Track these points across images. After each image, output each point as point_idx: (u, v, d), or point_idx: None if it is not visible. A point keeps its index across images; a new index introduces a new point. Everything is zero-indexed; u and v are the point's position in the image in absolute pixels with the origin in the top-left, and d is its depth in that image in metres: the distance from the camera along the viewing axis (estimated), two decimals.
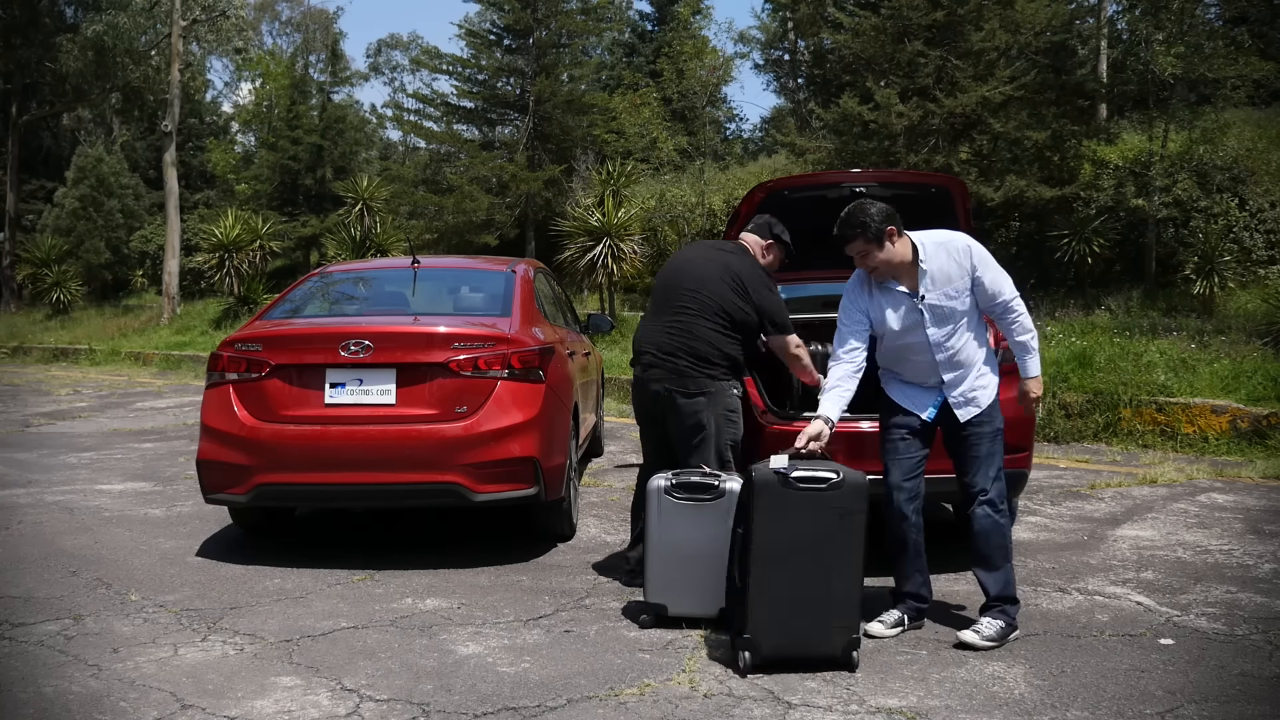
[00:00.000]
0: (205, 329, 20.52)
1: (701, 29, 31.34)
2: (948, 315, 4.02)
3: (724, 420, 4.52)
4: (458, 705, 3.44)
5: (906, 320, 4.04)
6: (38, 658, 3.88)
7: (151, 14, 27.86)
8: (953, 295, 4.01)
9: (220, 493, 5.19)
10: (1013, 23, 13.86)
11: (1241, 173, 13.78)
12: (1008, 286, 4.06)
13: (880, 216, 3.93)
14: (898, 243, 3.96)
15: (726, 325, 4.56)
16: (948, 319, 4.02)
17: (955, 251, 4.01)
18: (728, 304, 4.55)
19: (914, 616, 4.18)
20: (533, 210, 20.71)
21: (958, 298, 4.01)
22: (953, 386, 4.09)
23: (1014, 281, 4.21)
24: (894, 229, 3.95)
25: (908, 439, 4.12)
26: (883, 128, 13.93)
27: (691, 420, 4.51)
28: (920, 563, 4.19)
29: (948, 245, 4.02)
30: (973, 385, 4.09)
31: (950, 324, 4.03)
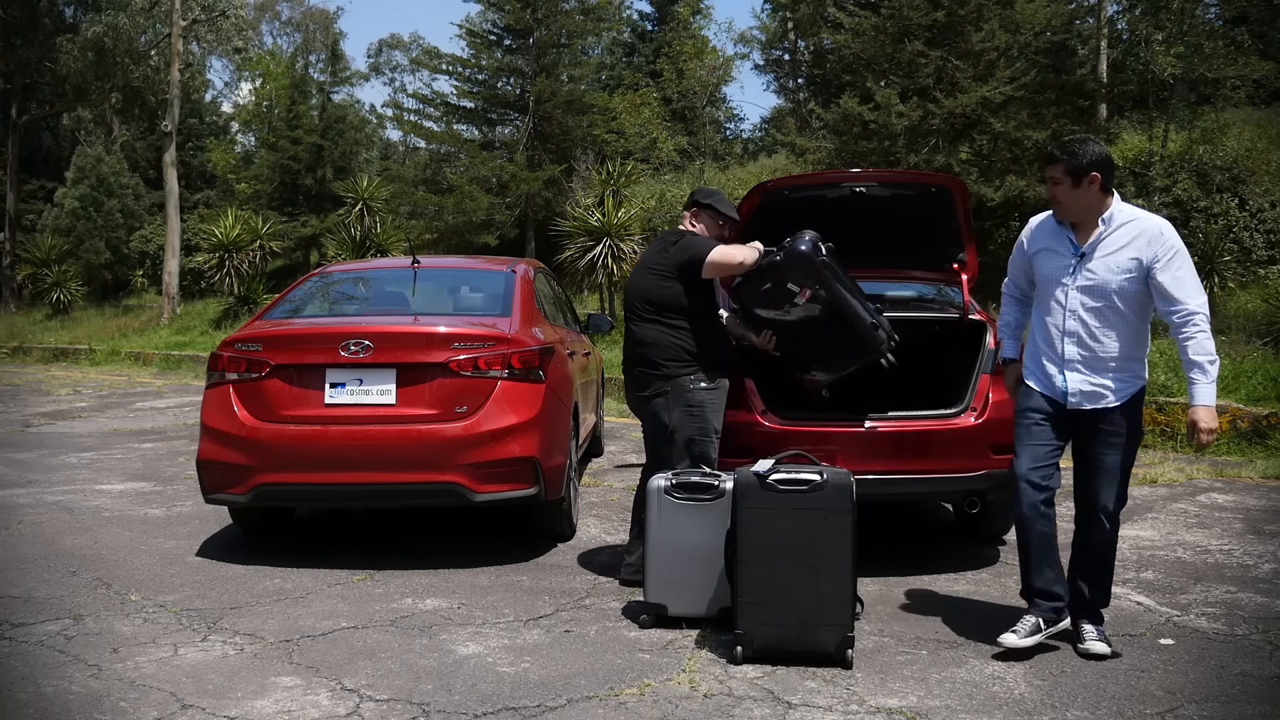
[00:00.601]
0: (205, 329, 20.53)
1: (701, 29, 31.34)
2: (1101, 290, 3.72)
3: (684, 416, 4.52)
4: (458, 705, 3.44)
5: (1058, 271, 3.80)
6: (38, 658, 3.88)
7: (151, 14, 27.86)
8: (1115, 270, 3.70)
9: (220, 493, 5.19)
10: (1013, 23, 13.87)
11: (1241, 173, 13.79)
12: (1192, 296, 3.65)
13: (1090, 158, 3.68)
14: (1093, 192, 3.70)
15: (658, 313, 4.57)
16: (1100, 294, 3.72)
17: (1147, 232, 3.69)
18: (651, 292, 4.60)
19: (1051, 618, 3.90)
20: (533, 210, 20.71)
21: (1120, 276, 3.69)
22: (1071, 366, 3.79)
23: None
24: (1098, 176, 3.67)
25: (1040, 425, 3.88)
26: (883, 128, 13.94)
27: (654, 422, 4.61)
28: (1051, 557, 3.90)
29: (1144, 223, 3.71)
30: (1098, 380, 3.77)
31: (1101, 301, 3.72)
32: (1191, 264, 3.72)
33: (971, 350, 5.08)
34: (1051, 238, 3.87)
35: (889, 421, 4.86)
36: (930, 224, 5.31)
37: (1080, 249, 3.76)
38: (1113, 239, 3.72)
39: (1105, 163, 3.71)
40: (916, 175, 7.05)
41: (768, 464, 3.92)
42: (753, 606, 3.78)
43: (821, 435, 4.77)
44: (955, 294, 5.44)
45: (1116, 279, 3.70)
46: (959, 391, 5.04)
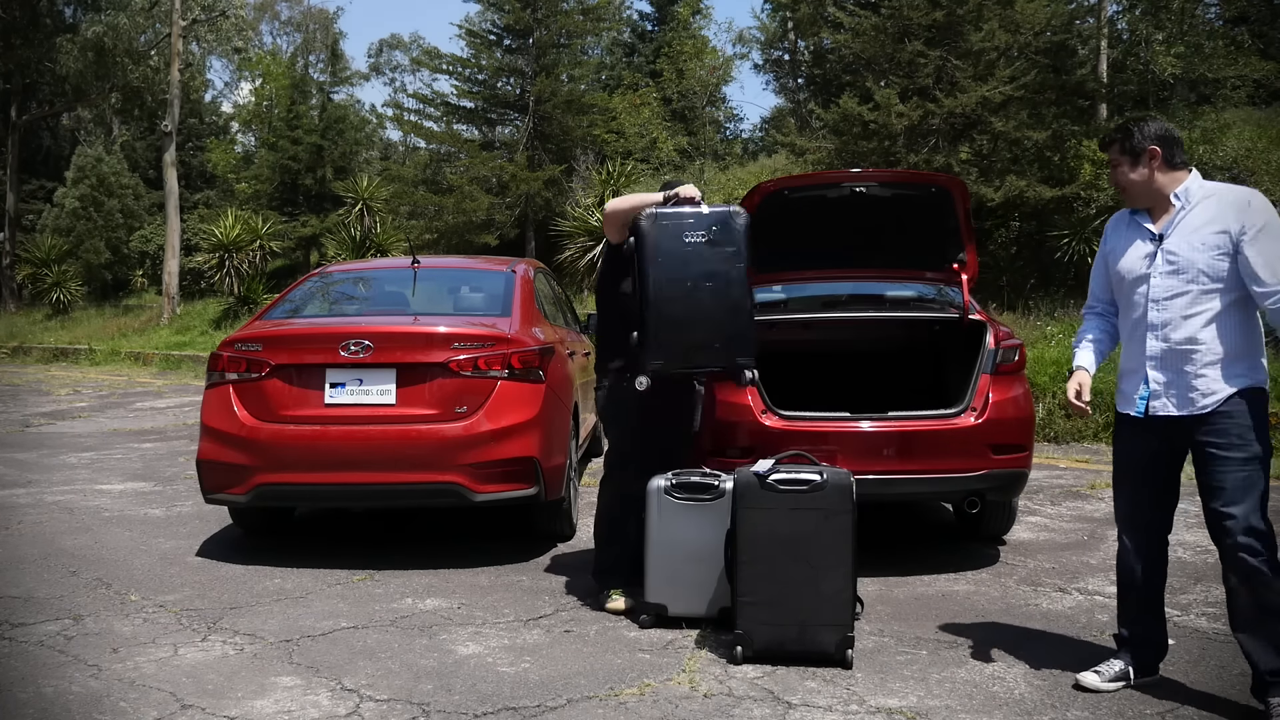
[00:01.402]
0: (205, 329, 20.52)
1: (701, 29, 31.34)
2: (1186, 272, 3.28)
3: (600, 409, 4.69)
4: (458, 705, 3.44)
5: (1138, 265, 3.39)
6: (38, 658, 3.88)
7: (151, 14, 27.87)
8: (1201, 248, 3.26)
9: (220, 493, 5.20)
10: (1013, 23, 13.86)
11: (1241, 173, 13.76)
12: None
13: (1149, 133, 3.37)
14: (1158, 169, 3.37)
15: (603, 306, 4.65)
16: (1186, 277, 3.29)
17: (1231, 204, 3.28)
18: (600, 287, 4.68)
19: (1142, 669, 3.55)
20: (533, 210, 20.70)
21: (1207, 254, 3.25)
22: (1158, 367, 3.33)
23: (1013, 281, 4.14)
24: (1158, 151, 3.35)
25: (1132, 459, 3.47)
26: (883, 128, 13.93)
27: None
28: (1150, 602, 3.53)
29: (1228, 193, 3.34)
30: (1189, 380, 3.28)
31: (1188, 286, 3.28)
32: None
33: (971, 350, 5.08)
34: (1127, 230, 3.50)
35: (889, 421, 4.86)
36: (930, 224, 5.31)
37: (1157, 232, 3.37)
38: (1194, 215, 3.32)
39: (1166, 136, 3.38)
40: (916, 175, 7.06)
41: (768, 464, 3.92)
42: (753, 606, 3.78)
43: (821, 435, 4.77)
44: (955, 294, 5.44)
45: (1203, 257, 3.25)
46: (959, 391, 5.04)
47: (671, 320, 4.13)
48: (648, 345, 4.14)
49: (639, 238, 4.12)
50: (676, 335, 4.14)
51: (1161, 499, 3.48)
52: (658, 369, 4.17)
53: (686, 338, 4.16)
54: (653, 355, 4.14)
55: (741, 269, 4.11)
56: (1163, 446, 3.39)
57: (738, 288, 4.12)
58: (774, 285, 5.70)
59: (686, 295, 4.11)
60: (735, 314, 4.14)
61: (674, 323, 4.13)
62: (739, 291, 4.13)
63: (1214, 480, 3.26)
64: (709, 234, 4.10)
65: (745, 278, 4.14)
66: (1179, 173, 3.40)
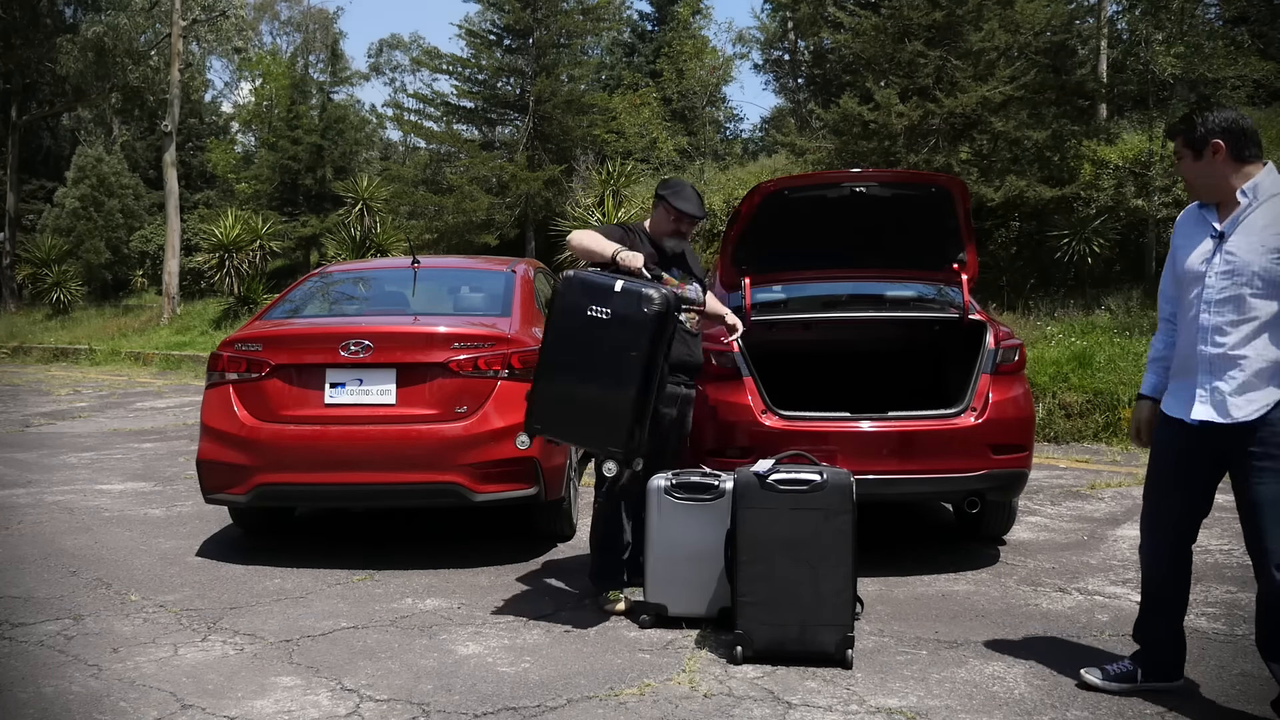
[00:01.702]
0: (205, 329, 20.51)
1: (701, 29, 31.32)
2: (1241, 274, 3.13)
3: None
4: (458, 705, 3.44)
5: (1198, 263, 3.23)
6: (38, 658, 3.88)
7: (151, 14, 27.86)
8: (1259, 251, 3.10)
9: (220, 493, 5.20)
10: (1012, 23, 13.85)
11: None
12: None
13: (1213, 124, 3.19)
14: (1221, 162, 3.19)
15: None
16: (1240, 279, 3.13)
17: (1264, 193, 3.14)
18: None
19: (1154, 673, 3.50)
20: (533, 210, 20.69)
21: (1265, 257, 3.09)
22: (1208, 372, 3.18)
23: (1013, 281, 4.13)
24: (1221, 144, 3.17)
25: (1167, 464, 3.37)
26: (883, 128, 13.92)
27: None
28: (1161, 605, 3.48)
29: (1264, 184, 3.15)
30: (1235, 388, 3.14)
31: (1242, 289, 3.12)
32: None
33: (971, 350, 5.08)
34: (1193, 225, 3.31)
35: (889, 421, 4.86)
36: (930, 224, 5.31)
37: (1220, 229, 3.20)
38: (1258, 215, 3.13)
39: (1233, 128, 3.17)
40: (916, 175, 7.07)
41: (768, 464, 3.92)
42: (753, 606, 3.79)
43: (821, 435, 4.77)
44: (955, 294, 5.44)
45: (1260, 260, 3.09)
46: (959, 391, 5.04)
47: (552, 391, 4.02)
48: (530, 405, 4.07)
49: (553, 291, 4.03)
50: (554, 405, 4.02)
51: (1190, 506, 3.37)
52: (535, 433, 4.08)
53: (562, 410, 4.01)
54: (532, 418, 4.06)
55: (635, 358, 3.85)
56: (1201, 453, 3.27)
57: (626, 375, 3.87)
58: (774, 285, 5.70)
59: (571, 368, 3.98)
60: (614, 402, 3.89)
61: (554, 393, 4.02)
62: (626, 379, 3.87)
63: (1250, 494, 3.15)
64: (613, 313, 3.90)
65: (641, 367, 3.87)
66: (1249, 166, 3.19)
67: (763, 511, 3.82)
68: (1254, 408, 3.11)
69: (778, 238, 5.34)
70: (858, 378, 5.88)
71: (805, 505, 3.79)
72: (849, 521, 3.78)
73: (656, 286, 3.98)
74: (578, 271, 4.07)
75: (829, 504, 3.78)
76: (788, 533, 3.78)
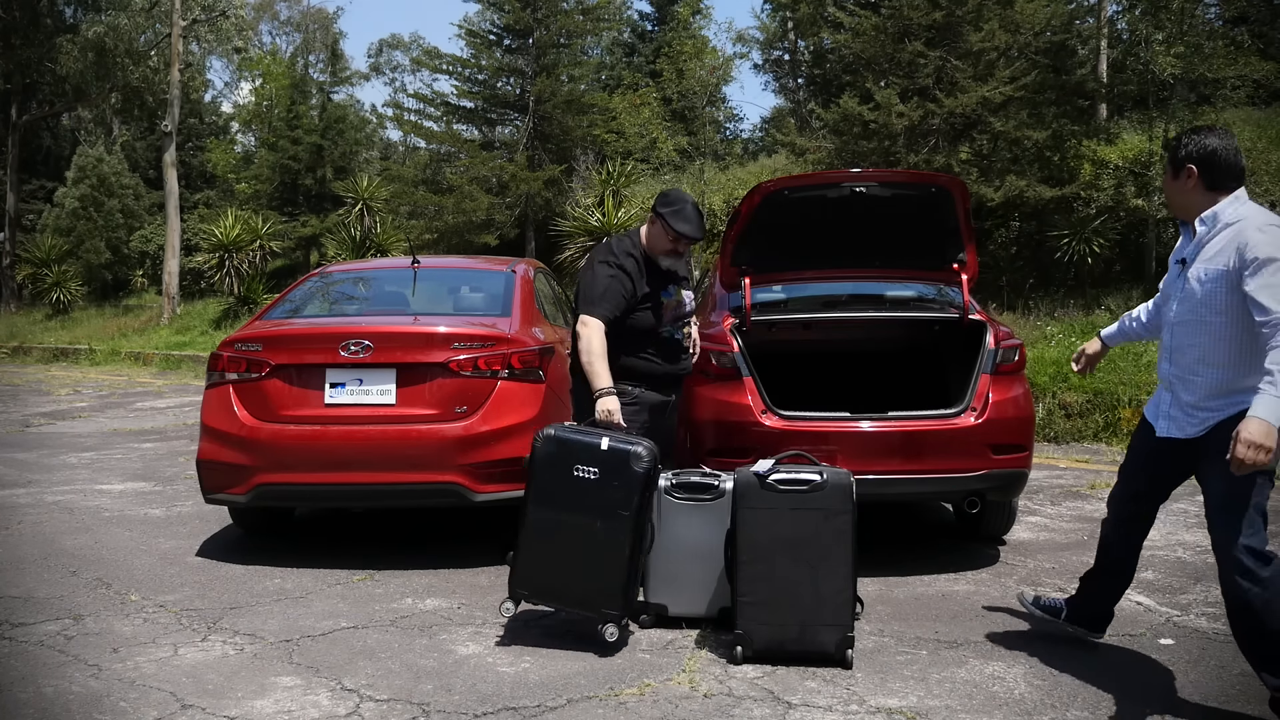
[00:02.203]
0: (205, 329, 20.52)
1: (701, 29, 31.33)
2: (1190, 300, 3.30)
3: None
4: (458, 705, 3.44)
5: (1168, 285, 3.50)
6: (38, 658, 3.88)
7: (151, 14, 27.86)
8: (1205, 279, 3.25)
9: (220, 493, 5.20)
10: (1012, 23, 13.85)
11: None
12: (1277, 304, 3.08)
13: (1190, 150, 3.33)
14: (1190, 188, 3.33)
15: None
16: (1190, 305, 3.31)
17: (1240, 234, 3.19)
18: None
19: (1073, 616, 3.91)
20: (533, 210, 20.69)
21: (1207, 284, 3.24)
22: (1169, 389, 3.43)
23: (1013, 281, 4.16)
24: (1194, 170, 3.31)
25: (1134, 457, 3.68)
26: (883, 128, 13.92)
27: None
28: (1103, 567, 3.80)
29: (1242, 224, 3.21)
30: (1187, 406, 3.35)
31: (1191, 314, 3.31)
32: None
33: (971, 350, 5.08)
34: (1179, 246, 3.48)
35: (889, 421, 4.86)
36: (930, 224, 5.31)
37: (1183, 254, 3.39)
38: (1212, 243, 3.27)
39: (1209, 158, 3.29)
40: (917, 175, 7.07)
41: (768, 464, 3.92)
42: (753, 606, 3.79)
43: (821, 435, 4.77)
44: (955, 294, 5.44)
45: (1203, 288, 3.25)
46: (959, 391, 5.04)
47: (538, 553, 3.94)
48: (515, 569, 3.98)
49: (532, 453, 3.98)
50: (542, 569, 3.94)
51: (1147, 497, 3.67)
52: (522, 598, 3.98)
53: (551, 573, 3.93)
54: (518, 583, 3.97)
55: (626, 516, 3.84)
56: (1166, 457, 3.51)
57: (618, 534, 3.84)
58: (774, 285, 5.70)
59: (557, 529, 3.92)
60: (608, 563, 3.86)
61: (541, 556, 3.94)
62: (618, 539, 3.84)
63: (1207, 498, 3.35)
64: (600, 472, 3.87)
65: (632, 525, 3.86)
66: (1217, 194, 3.31)
67: (763, 511, 3.82)
68: (1205, 426, 3.32)
69: (778, 238, 5.34)
70: (858, 378, 5.88)
71: (805, 505, 3.79)
72: (849, 521, 3.78)
73: (639, 441, 3.95)
74: (558, 430, 4.00)
75: (829, 504, 3.78)
76: (788, 533, 3.78)
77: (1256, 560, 3.16)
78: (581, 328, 4.28)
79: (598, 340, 4.23)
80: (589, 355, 4.22)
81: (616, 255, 4.40)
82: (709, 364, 4.96)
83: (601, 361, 4.21)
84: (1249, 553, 3.16)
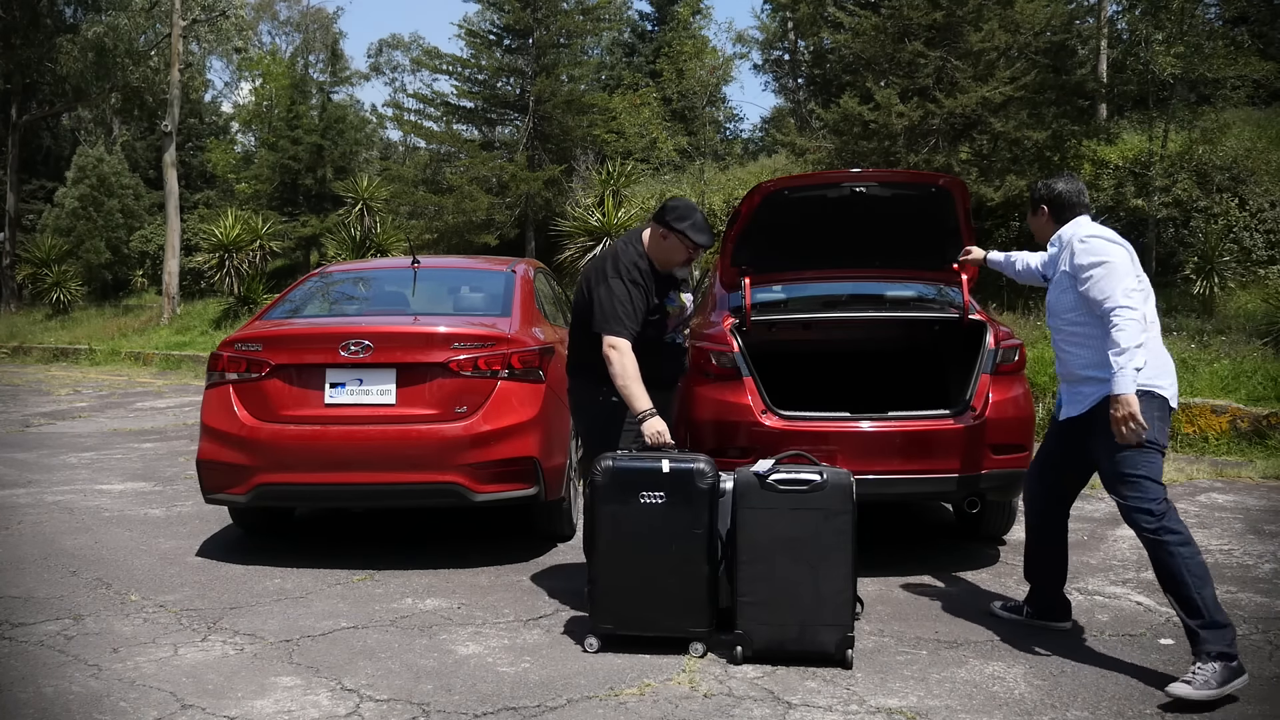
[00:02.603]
0: (205, 329, 20.51)
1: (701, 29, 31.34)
2: (1052, 307, 4.01)
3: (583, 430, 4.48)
4: (458, 705, 3.44)
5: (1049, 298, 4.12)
6: (38, 658, 3.88)
7: (151, 14, 27.86)
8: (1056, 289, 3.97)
9: (220, 493, 5.20)
10: (1012, 23, 13.85)
11: (1241, 173, 13.77)
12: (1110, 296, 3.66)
13: (1042, 193, 4.08)
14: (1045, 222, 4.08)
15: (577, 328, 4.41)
16: (1052, 311, 4.01)
17: (1068, 247, 3.90)
18: (578, 306, 4.41)
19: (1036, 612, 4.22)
20: (533, 210, 20.68)
21: (1056, 292, 3.97)
22: (1060, 379, 4.06)
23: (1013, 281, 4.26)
24: (1045, 209, 4.06)
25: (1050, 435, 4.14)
26: (883, 128, 13.92)
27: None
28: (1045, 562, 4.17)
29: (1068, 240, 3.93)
30: (1072, 391, 3.95)
31: (1054, 319, 4.01)
32: (1111, 267, 3.71)
33: (971, 350, 5.08)
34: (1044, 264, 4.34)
35: (889, 421, 4.86)
36: (930, 224, 5.31)
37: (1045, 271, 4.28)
38: (1059, 259, 3.97)
39: (1056, 199, 4.03)
40: (917, 175, 7.06)
41: (768, 464, 3.92)
42: (753, 606, 3.79)
43: (821, 435, 4.77)
44: (955, 294, 5.44)
45: (1055, 295, 3.98)
46: (959, 391, 5.04)
47: (618, 584, 3.91)
48: (595, 603, 3.96)
49: (593, 487, 3.94)
50: (624, 599, 3.91)
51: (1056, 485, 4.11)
52: (607, 632, 3.94)
53: (634, 602, 3.90)
54: (601, 617, 3.94)
55: (701, 534, 3.85)
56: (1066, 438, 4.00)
57: (695, 552, 3.85)
58: (774, 285, 5.70)
59: (634, 559, 3.88)
60: (690, 582, 3.86)
61: (621, 586, 3.91)
62: (695, 557, 3.85)
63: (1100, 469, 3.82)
64: (666, 495, 3.86)
65: (705, 542, 3.86)
66: (1059, 226, 4.03)
67: (763, 511, 3.82)
68: (1080, 407, 3.86)
69: (778, 238, 5.34)
70: (858, 378, 5.88)
71: (805, 505, 3.79)
72: (849, 521, 3.78)
73: (697, 457, 3.95)
74: (617, 460, 3.94)
75: (829, 504, 3.78)
76: (788, 533, 3.78)
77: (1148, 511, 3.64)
78: (611, 351, 4.09)
79: (630, 363, 4.08)
80: (624, 379, 4.07)
81: (627, 268, 4.24)
82: (709, 364, 4.96)
83: (637, 383, 4.08)
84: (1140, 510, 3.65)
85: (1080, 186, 4.07)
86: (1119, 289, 3.65)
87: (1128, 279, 3.68)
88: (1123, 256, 3.74)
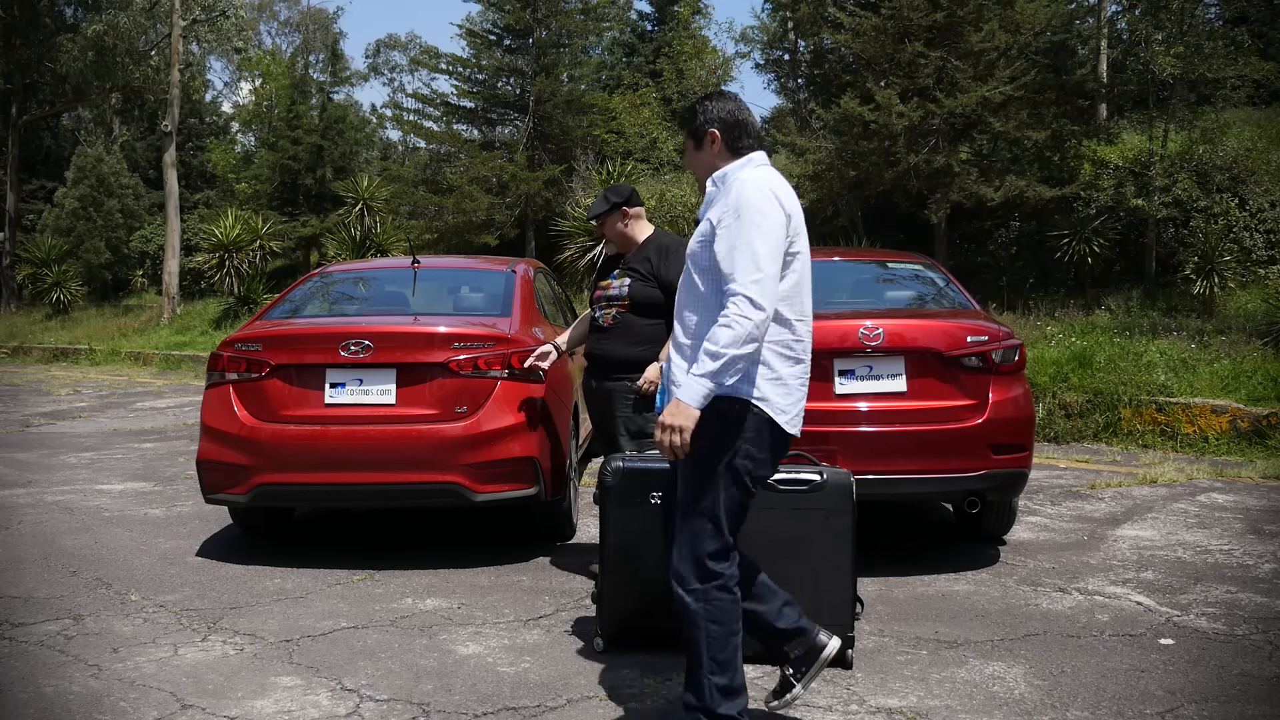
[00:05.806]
0: (205, 329, 20.51)
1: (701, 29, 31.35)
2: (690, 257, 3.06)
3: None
4: (458, 705, 3.44)
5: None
6: (38, 658, 3.88)
7: (151, 14, 27.85)
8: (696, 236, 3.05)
9: (220, 493, 5.19)
10: (1012, 23, 13.84)
11: (1241, 173, 13.77)
12: (741, 274, 2.81)
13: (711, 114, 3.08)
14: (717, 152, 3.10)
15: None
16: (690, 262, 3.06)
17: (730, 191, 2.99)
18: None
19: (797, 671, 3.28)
20: (533, 210, 20.68)
21: (695, 240, 3.04)
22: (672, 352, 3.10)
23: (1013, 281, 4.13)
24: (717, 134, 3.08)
25: None
26: (883, 128, 13.91)
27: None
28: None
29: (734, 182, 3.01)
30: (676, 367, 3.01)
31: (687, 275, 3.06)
32: (763, 234, 2.84)
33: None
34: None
35: (889, 421, 4.86)
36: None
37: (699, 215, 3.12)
38: (717, 204, 3.01)
39: (728, 119, 3.08)
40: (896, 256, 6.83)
41: None
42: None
43: (821, 435, 4.77)
44: (955, 293, 5.44)
45: (694, 243, 3.02)
46: None
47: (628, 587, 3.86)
48: (603, 605, 3.91)
49: (603, 489, 3.87)
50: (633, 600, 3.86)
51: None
52: (614, 634, 3.89)
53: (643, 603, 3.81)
54: (608, 616, 3.89)
55: None
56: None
57: None
58: None
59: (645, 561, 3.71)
60: None
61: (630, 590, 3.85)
62: None
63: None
64: None
65: None
66: (734, 157, 3.08)
67: (762, 511, 3.80)
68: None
69: None
70: None
71: (805, 505, 3.78)
72: (849, 521, 3.77)
73: None
74: (627, 461, 3.89)
75: (829, 504, 3.77)
76: (788, 533, 3.78)
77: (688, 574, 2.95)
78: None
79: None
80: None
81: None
82: None
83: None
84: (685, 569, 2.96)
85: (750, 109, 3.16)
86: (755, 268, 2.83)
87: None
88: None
